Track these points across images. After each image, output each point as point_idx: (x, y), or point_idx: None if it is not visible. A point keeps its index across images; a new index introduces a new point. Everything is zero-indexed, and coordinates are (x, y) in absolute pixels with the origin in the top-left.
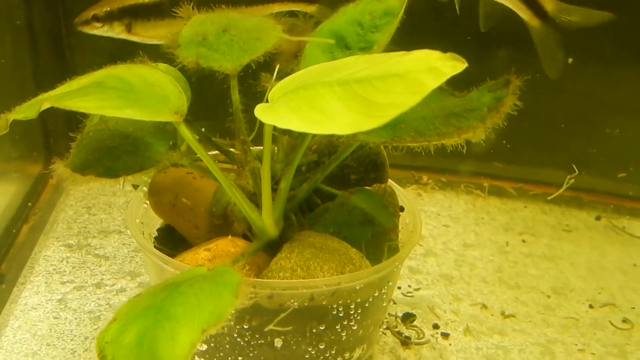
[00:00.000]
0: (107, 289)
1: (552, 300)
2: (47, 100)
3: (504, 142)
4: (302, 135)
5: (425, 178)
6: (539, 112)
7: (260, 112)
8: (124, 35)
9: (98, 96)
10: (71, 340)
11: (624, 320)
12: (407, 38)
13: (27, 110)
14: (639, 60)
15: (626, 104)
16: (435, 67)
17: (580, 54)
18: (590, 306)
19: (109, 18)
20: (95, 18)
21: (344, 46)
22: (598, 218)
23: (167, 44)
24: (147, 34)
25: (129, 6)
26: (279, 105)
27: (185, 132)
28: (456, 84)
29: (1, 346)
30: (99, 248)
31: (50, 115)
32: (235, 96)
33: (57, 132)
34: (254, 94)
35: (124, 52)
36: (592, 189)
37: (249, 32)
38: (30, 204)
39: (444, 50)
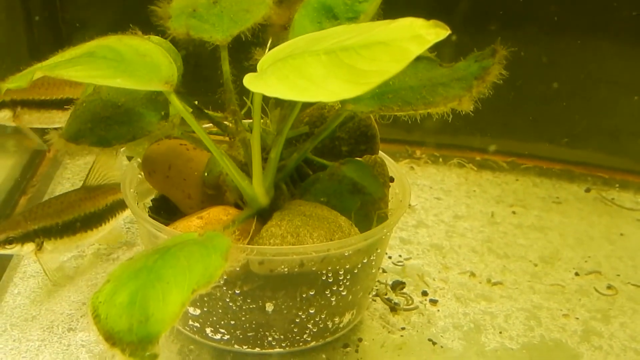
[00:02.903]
0: (104, 258)
1: (539, 269)
2: (39, 69)
3: (497, 116)
4: (291, 106)
5: (418, 152)
6: (532, 87)
7: (249, 81)
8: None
9: (89, 65)
10: (69, 305)
11: (609, 287)
12: (394, 8)
13: (20, 80)
14: (632, 35)
15: (618, 78)
16: (419, 34)
17: (574, 27)
18: (577, 274)
19: None
20: None
21: (332, 16)
22: (588, 190)
23: (159, 16)
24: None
25: None
26: (268, 74)
27: (176, 101)
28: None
29: (1, 311)
30: None
31: None
32: (226, 67)
33: None
34: (247, 68)
35: (119, 26)
36: (584, 162)
37: (238, 4)
38: (28, 177)
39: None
